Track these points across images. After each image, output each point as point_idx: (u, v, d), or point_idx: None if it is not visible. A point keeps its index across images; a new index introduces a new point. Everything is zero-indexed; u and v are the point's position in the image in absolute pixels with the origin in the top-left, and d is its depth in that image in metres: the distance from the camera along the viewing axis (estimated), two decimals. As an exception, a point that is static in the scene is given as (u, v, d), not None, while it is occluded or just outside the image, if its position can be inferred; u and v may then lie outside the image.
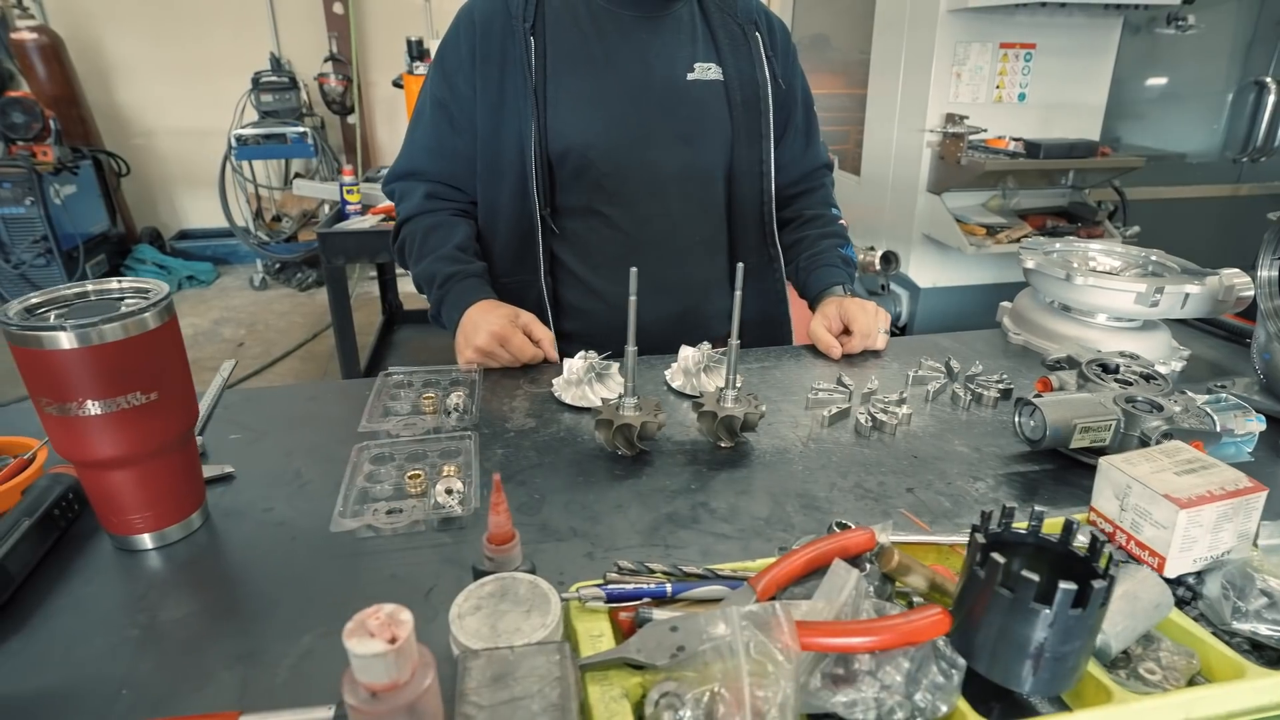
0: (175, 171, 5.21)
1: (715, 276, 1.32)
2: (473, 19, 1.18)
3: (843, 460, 0.90)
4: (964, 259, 2.98)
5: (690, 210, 1.25)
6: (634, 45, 1.19)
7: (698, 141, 1.22)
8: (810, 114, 1.34)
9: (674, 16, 1.21)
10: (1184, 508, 0.60)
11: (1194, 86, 3.49)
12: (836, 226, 1.35)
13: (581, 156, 1.18)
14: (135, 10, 4.81)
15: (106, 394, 0.64)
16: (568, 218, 1.22)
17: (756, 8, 1.27)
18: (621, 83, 1.18)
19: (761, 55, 1.24)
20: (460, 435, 0.87)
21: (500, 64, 1.16)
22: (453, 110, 1.20)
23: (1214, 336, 1.31)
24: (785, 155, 1.31)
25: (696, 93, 1.21)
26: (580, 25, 1.18)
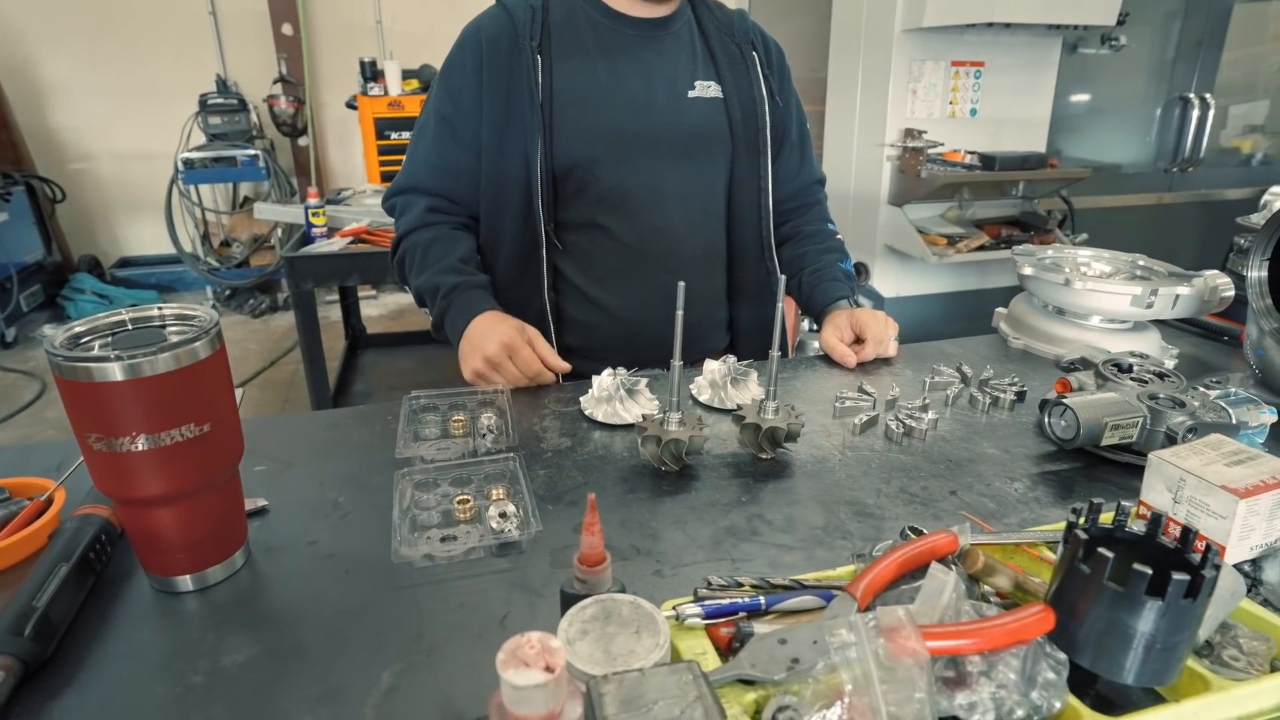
0: (116, 197, 5.00)
1: (715, 290, 1.33)
2: (479, 37, 1.19)
3: (882, 466, 0.91)
4: (925, 268, 3.08)
5: (692, 224, 1.27)
6: (637, 64, 1.20)
7: (699, 157, 1.24)
8: (804, 131, 1.38)
9: (674, 36, 1.24)
10: (1243, 497, 0.63)
11: (1126, 102, 3.70)
12: (835, 242, 1.38)
13: (587, 171, 1.19)
14: (72, 30, 4.62)
15: (159, 427, 0.61)
16: (571, 232, 1.22)
17: (753, 28, 1.30)
18: (626, 100, 1.19)
19: (759, 74, 1.27)
20: (504, 457, 0.85)
21: (507, 81, 1.16)
22: (457, 125, 1.20)
23: (1195, 336, 1.38)
24: (782, 170, 1.34)
25: (698, 109, 1.23)
26: (585, 44, 1.19)
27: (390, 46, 5.04)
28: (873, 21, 2.95)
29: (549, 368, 1.11)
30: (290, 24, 4.88)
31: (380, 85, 4.61)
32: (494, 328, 1.11)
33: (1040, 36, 2.97)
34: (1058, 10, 2.69)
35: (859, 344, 1.22)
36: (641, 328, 1.26)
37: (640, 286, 1.25)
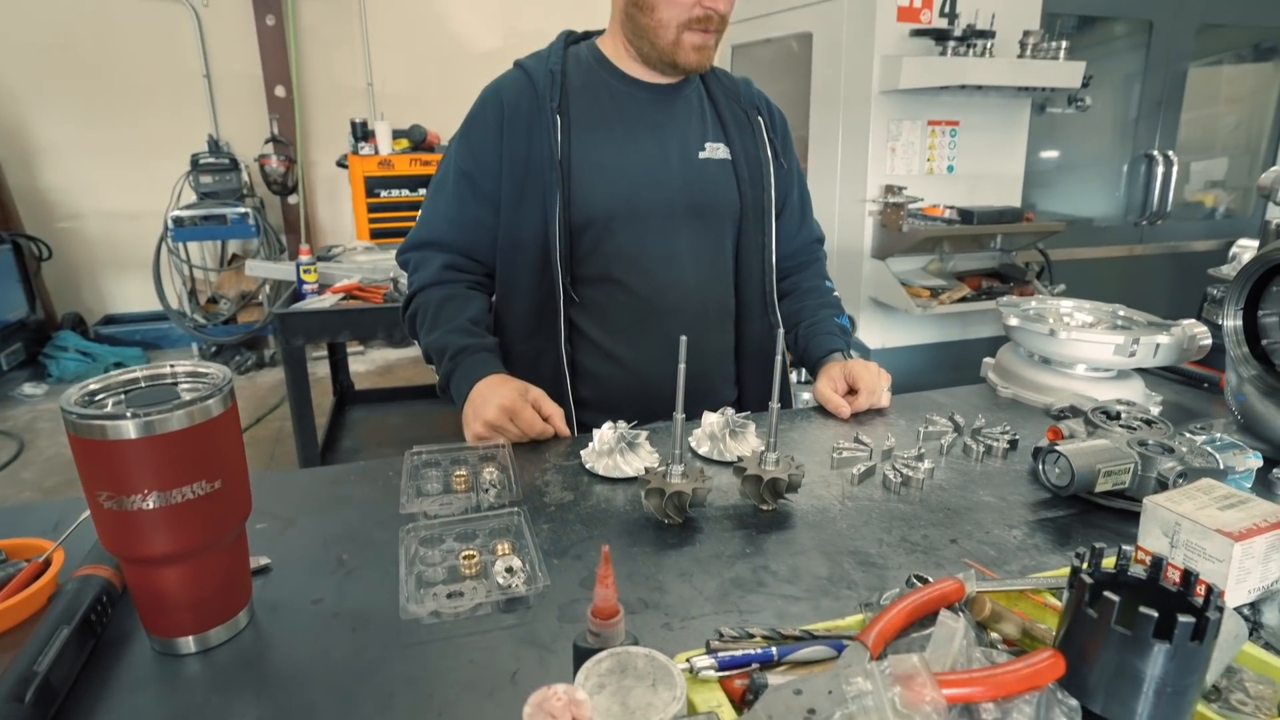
0: (104, 255, 5.01)
1: (725, 344, 1.36)
2: (500, 98, 1.23)
3: (882, 516, 0.92)
4: (909, 320, 3.14)
5: (703, 280, 1.30)
6: (651, 125, 1.25)
7: (709, 215, 1.29)
8: (804, 192, 1.43)
9: (685, 101, 1.29)
10: (1238, 540, 0.65)
11: (1094, 158, 3.85)
12: (832, 298, 1.42)
13: (603, 228, 1.22)
14: (65, 92, 4.69)
15: (170, 485, 0.61)
16: (586, 286, 1.25)
17: (757, 95, 1.36)
18: (641, 159, 1.24)
19: (764, 137, 1.32)
20: (508, 512, 0.86)
21: (527, 139, 1.20)
22: (478, 180, 1.24)
23: (1177, 383, 1.42)
24: (784, 230, 1.38)
25: (708, 170, 1.28)
26: (602, 105, 1.24)
27: (381, 107, 5.16)
28: (851, 83, 3.07)
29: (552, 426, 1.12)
30: (283, 86, 4.99)
31: (371, 144, 4.70)
32: (496, 391, 1.12)
33: (1010, 98, 3.10)
34: (1025, 74, 2.83)
35: (852, 395, 1.24)
36: (655, 381, 1.27)
37: (654, 340, 1.26)
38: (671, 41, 1.17)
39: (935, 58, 2.80)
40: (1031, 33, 2.83)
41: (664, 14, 1.15)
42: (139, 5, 4.69)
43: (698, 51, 1.19)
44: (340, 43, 5.11)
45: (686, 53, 1.18)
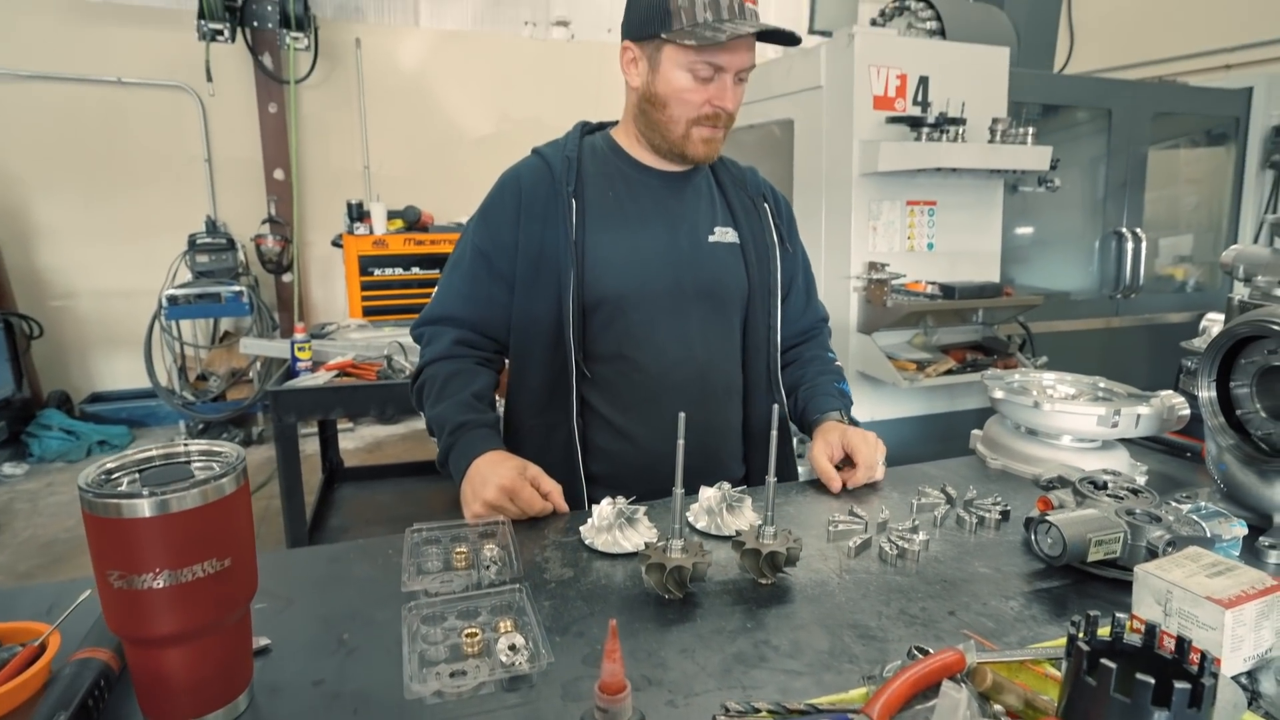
0: (95, 333, 5.02)
1: (733, 421, 1.38)
2: (519, 183, 1.30)
3: (880, 589, 0.93)
4: (897, 393, 3.18)
5: (712, 358, 1.34)
6: (662, 209, 1.32)
7: (719, 296, 1.33)
8: (809, 274, 1.49)
9: (695, 187, 1.36)
10: (1228, 607, 0.66)
11: (1067, 235, 4.00)
12: (833, 367, 1.46)
13: (615, 306, 1.26)
14: (68, 176, 4.81)
15: (181, 563, 0.62)
16: (598, 363, 1.28)
17: (764, 183, 1.44)
18: (652, 241, 1.29)
19: (770, 223, 1.39)
20: (510, 589, 0.86)
21: (542, 221, 1.26)
22: (494, 259, 1.28)
23: (1160, 453, 1.45)
24: (790, 311, 1.43)
25: (718, 253, 1.33)
26: (615, 190, 1.30)
27: (377, 189, 5.31)
28: (832, 166, 3.21)
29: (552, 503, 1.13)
30: (282, 169, 5.14)
31: (366, 225, 4.82)
32: (494, 470, 1.13)
33: (984, 179, 3.25)
34: (996, 158, 2.98)
35: (849, 467, 1.25)
36: (664, 457, 1.28)
37: (663, 417, 1.28)
38: (681, 135, 1.25)
39: (911, 143, 2.95)
40: (1000, 120, 2.99)
41: (675, 111, 1.22)
42: (148, 94, 4.87)
43: (706, 144, 1.26)
44: (339, 129, 5.30)
45: (695, 145, 1.25)
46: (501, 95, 5.52)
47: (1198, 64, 5.19)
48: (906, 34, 3.41)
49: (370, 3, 5.26)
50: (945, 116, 2.89)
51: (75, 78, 4.72)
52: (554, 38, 5.69)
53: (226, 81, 4.92)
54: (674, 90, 1.21)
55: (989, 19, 3.60)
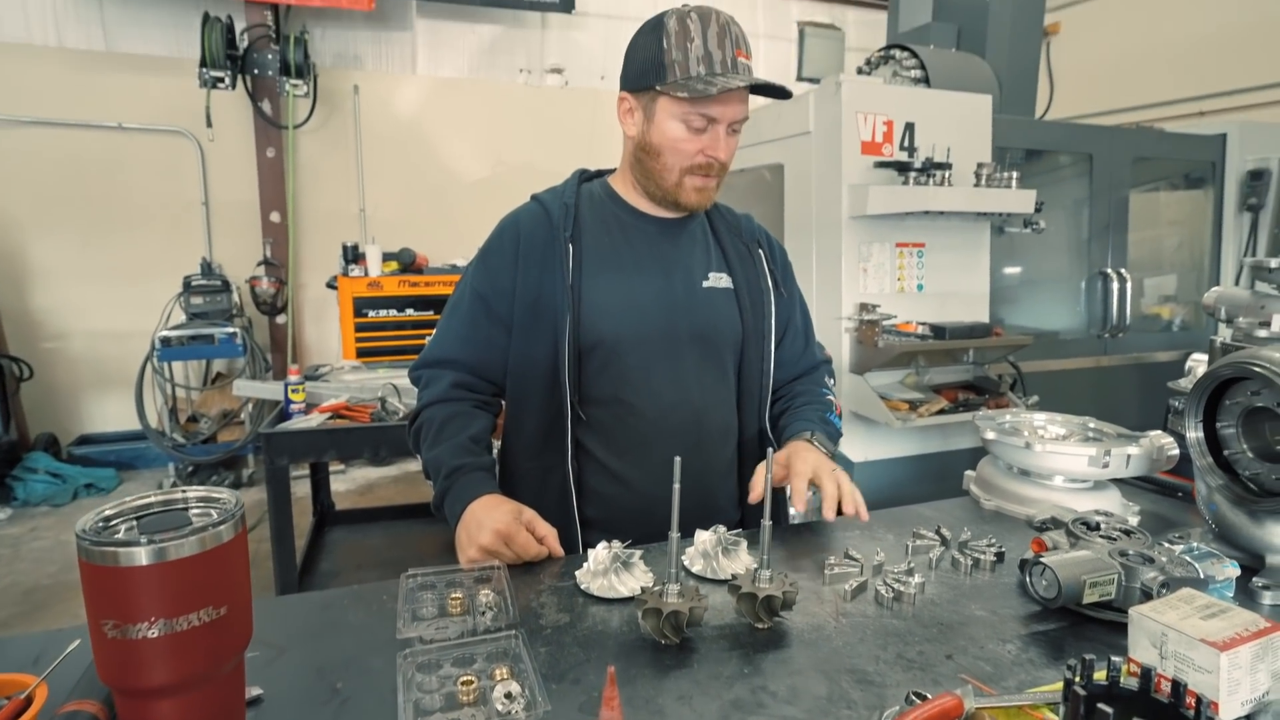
0: (85, 374, 5.00)
1: (728, 464, 1.39)
2: (518, 228, 1.32)
3: (877, 632, 0.93)
4: (889, 432, 3.19)
5: (708, 402, 1.34)
6: (658, 255, 1.34)
7: (713, 340, 1.35)
8: (807, 318, 1.51)
9: (690, 234, 1.38)
10: (1223, 650, 0.67)
11: (1054, 276, 4.06)
12: (824, 400, 1.45)
13: (611, 350, 1.27)
14: (66, 219, 4.84)
15: (177, 612, 0.61)
16: (594, 406, 1.29)
17: (758, 229, 1.47)
18: (648, 286, 1.31)
19: (765, 269, 1.41)
20: (505, 635, 0.85)
21: (540, 265, 1.28)
22: (492, 302, 1.30)
23: (1153, 493, 1.46)
24: (787, 354, 1.44)
25: (712, 298, 1.35)
26: (612, 235, 1.33)
27: (372, 232, 5.36)
28: (822, 210, 3.27)
29: (547, 548, 1.13)
30: (279, 212, 5.19)
31: (361, 267, 4.85)
32: (490, 514, 1.13)
33: (971, 221, 3.32)
34: (981, 201, 3.04)
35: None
36: (659, 501, 1.27)
37: (659, 461, 1.27)
38: (675, 184, 1.27)
39: (899, 186, 3.01)
40: (985, 164, 3.06)
41: (669, 160, 1.26)
42: (148, 139, 4.94)
43: (699, 193, 1.29)
44: (336, 172, 5.38)
45: (688, 194, 1.28)
46: (496, 140, 5.62)
47: (1173, 110, 5.35)
48: (892, 82, 3.51)
49: (369, 51, 5.39)
50: (931, 161, 2.96)
51: (77, 124, 4.79)
52: (548, 85, 5.82)
53: (226, 126, 4.99)
54: (668, 140, 1.24)
55: (971, 68, 3.72)
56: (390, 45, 5.44)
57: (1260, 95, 4.95)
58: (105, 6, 4.78)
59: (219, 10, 4.70)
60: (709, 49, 1.18)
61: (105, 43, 4.82)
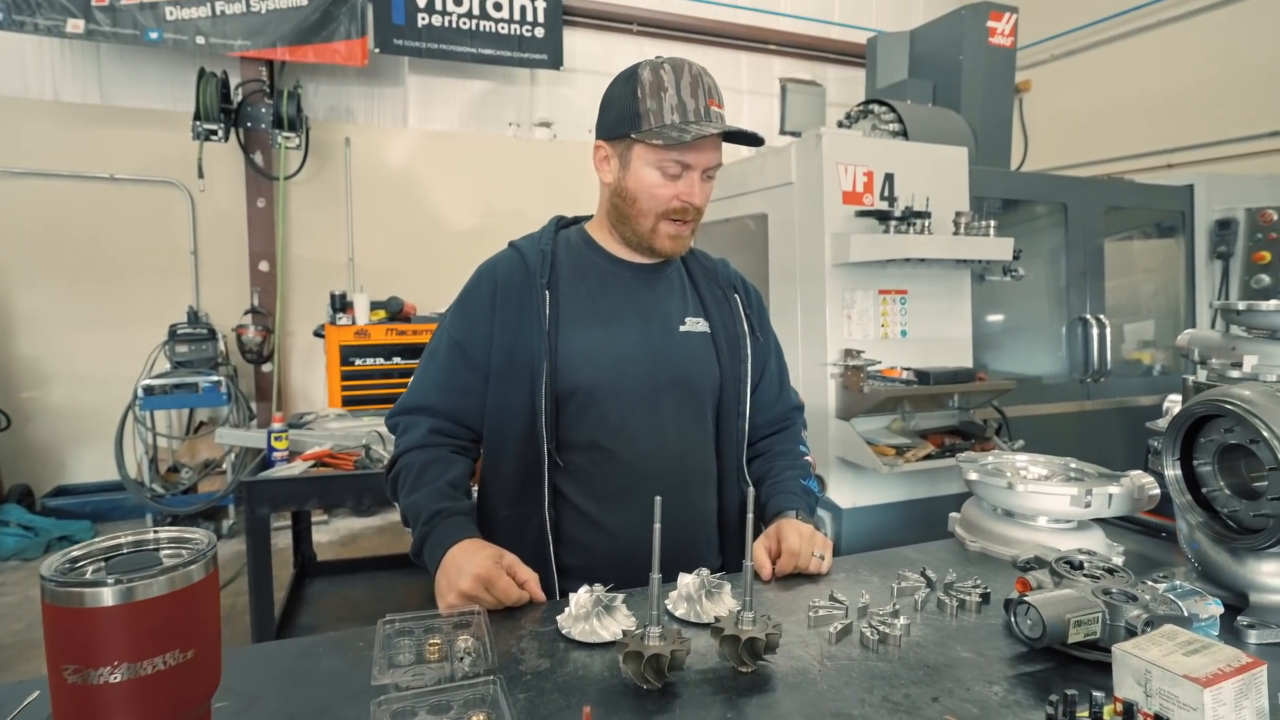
0: (64, 424, 4.93)
1: (708, 510, 1.38)
2: (495, 275, 1.33)
3: (862, 675, 0.91)
4: (877, 478, 3.19)
5: (686, 447, 1.34)
6: (635, 301, 1.35)
7: (691, 384, 1.35)
8: (782, 362, 1.52)
9: (666, 279, 1.40)
10: (1206, 686, 0.66)
11: (1035, 322, 4.13)
12: (801, 462, 1.46)
13: (588, 395, 1.27)
14: (53, 268, 4.84)
15: (142, 655, 0.60)
16: (572, 452, 1.28)
17: (734, 275, 1.49)
18: (625, 331, 1.32)
19: (741, 313, 1.42)
20: (483, 681, 0.83)
21: (517, 313, 1.29)
22: (469, 349, 1.30)
23: (1137, 533, 1.46)
24: (762, 398, 1.45)
25: (689, 342, 1.36)
26: (589, 282, 1.34)
27: (360, 280, 5.39)
28: (805, 258, 3.33)
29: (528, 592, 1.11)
30: (267, 261, 5.21)
31: (349, 315, 4.86)
32: (469, 559, 1.12)
33: (952, 269, 3.38)
34: (961, 248, 3.11)
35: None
36: (638, 547, 1.26)
37: (637, 507, 1.27)
38: (650, 230, 1.30)
39: (880, 235, 3.07)
40: (963, 213, 3.14)
41: (644, 205, 1.28)
42: (139, 189, 4.98)
43: (673, 240, 1.31)
44: (326, 222, 5.43)
45: (663, 240, 1.30)
46: (486, 191, 5.71)
47: (1144, 163, 5.53)
48: (871, 135, 3.62)
49: (361, 106, 5.50)
50: (911, 210, 3.03)
51: (69, 175, 4.83)
52: (536, 138, 5.95)
53: (217, 177, 5.05)
54: (644, 186, 1.27)
55: (947, 122, 3.84)
56: (382, 100, 5.56)
57: (1225, 149, 5.13)
58: (104, 62, 4.88)
59: (215, 66, 4.81)
60: (682, 98, 1.21)
61: (101, 97, 4.90)
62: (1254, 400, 1.01)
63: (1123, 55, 5.81)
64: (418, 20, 5.16)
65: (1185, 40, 5.41)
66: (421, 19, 5.17)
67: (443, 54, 5.28)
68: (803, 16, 6.54)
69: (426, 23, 5.18)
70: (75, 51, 4.81)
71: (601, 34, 5.97)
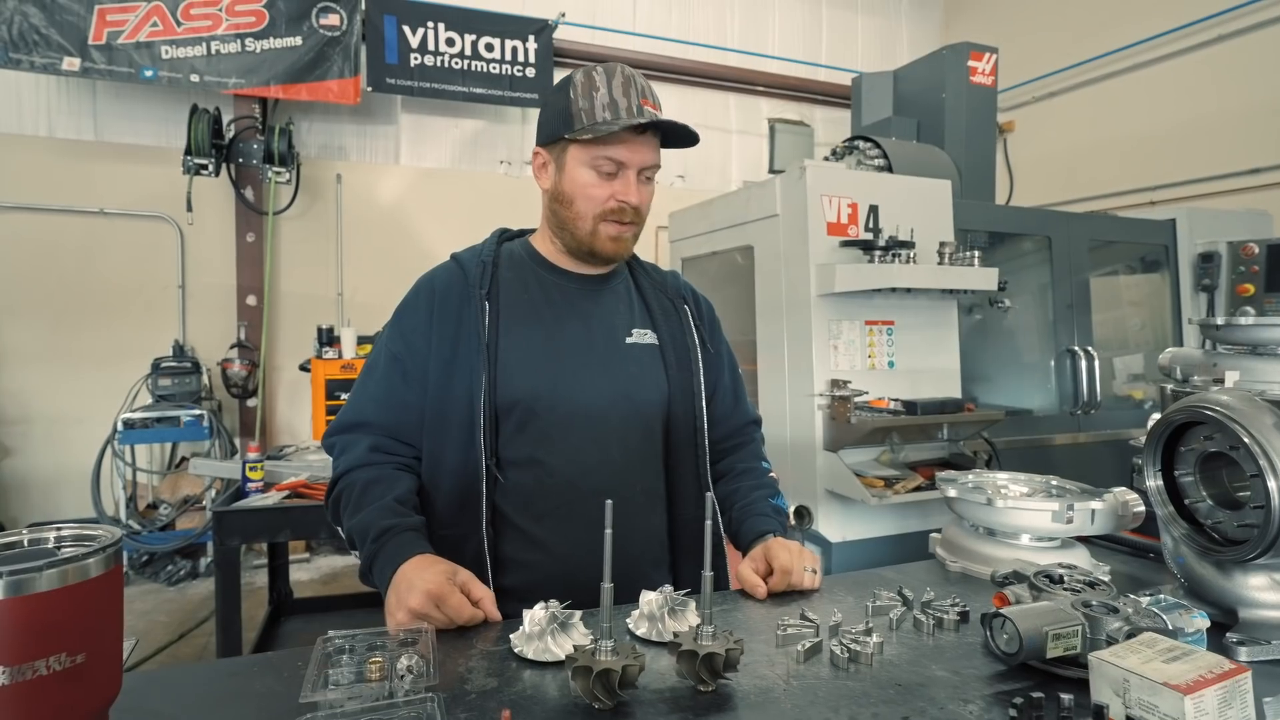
0: (40, 462, 4.83)
1: (656, 528, 1.33)
2: (433, 286, 1.30)
3: (830, 695, 0.86)
4: (867, 511, 3.13)
5: (631, 461, 1.29)
6: (578, 312, 1.32)
7: (637, 397, 1.31)
8: (736, 376, 1.48)
9: (612, 290, 1.37)
10: (1187, 693, 0.61)
11: (1023, 354, 4.12)
12: (767, 479, 1.42)
13: (528, 409, 1.23)
14: (38, 301, 4.80)
15: (25, 657, 0.55)
16: (512, 468, 1.24)
17: (684, 286, 1.46)
18: (567, 343, 1.28)
19: (691, 325, 1.39)
20: (421, 698, 0.78)
21: (455, 324, 1.25)
22: (407, 364, 1.26)
23: (1123, 554, 1.41)
24: (717, 412, 1.40)
25: (635, 353, 1.32)
26: (530, 293, 1.31)
27: (349, 314, 5.37)
28: (791, 289, 3.32)
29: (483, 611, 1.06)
30: (255, 295, 5.20)
31: (335, 349, 4.82)
32: (420, 575, 1.06)
33: (938, 299, 3.37)
34: (946, 278, 3.10)
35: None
36: (581, 568, 1.22)
37: (580, 525, 1.23)
38: (589, 232, 1.26)
39: (865, 264, 3.07)
40: (947, 243, 3.14)
41: (581, 207, 1.25)
42: (128, 223, 4.99)
43: (614, 241, 1.27)
44: (315, 257, 5.43)
45: (603, 242, 1.27)
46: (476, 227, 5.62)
47: (1125, 200, 5.60)
48: (856, 169, 3.65)
49: (353, 144, 5.56)
50: (896, 240, 3.03)
51: (59, 209, 4.84)
52: (527, 175, 6.00)
53: (206, 211, 5.06)
54: (579, 186, 1.24)
55: (931, 157, 3.88)
56: (375, 139, 5.62)
57: (1204, 186, 5.21)
58: (99, 99, 4.93)
59: (208, 103, 4.86)
60: (614, 96, 1.20)
61: (95, 133, 4.94)
62: (1233, 406, 0.98)
63: (1102, 97, 5.93)
64: (410, 60, 5.25)
65: (1163, 82, 5.53)
66: (414, 59, 5.26)
67: (435, 93, 5.36)
68: (790, 59, 6.68)
69: (419, 62, 5.27)
70: (71, 88, 4.86)
71: (592, 75, 6.08)
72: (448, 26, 5.32)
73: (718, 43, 6.42)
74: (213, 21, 4.74)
